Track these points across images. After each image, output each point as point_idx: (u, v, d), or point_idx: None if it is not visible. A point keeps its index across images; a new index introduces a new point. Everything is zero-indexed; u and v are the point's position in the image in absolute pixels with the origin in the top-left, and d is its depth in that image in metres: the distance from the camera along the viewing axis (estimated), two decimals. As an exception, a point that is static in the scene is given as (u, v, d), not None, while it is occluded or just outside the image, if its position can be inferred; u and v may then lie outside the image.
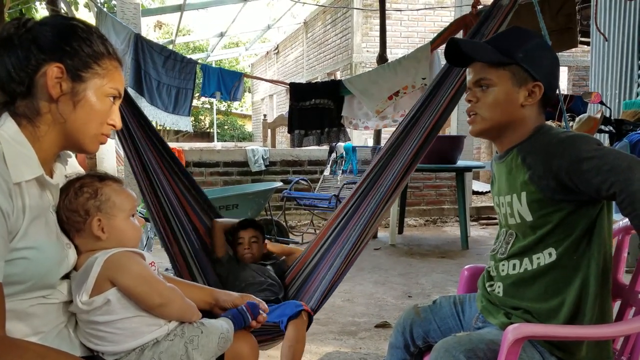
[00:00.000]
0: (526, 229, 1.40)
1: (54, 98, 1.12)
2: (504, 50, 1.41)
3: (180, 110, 4.71)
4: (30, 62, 1.11)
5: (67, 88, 1.13)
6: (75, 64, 1.13)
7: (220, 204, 4.20)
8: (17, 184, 1.07)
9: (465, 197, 5.25)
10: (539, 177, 1.34)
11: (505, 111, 1.41)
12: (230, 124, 24.56)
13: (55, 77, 1.11)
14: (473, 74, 1.46)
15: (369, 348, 2.77)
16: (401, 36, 11.13)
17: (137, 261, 1.23)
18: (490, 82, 1.41)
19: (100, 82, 1.16)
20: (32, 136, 1.13)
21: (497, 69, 1.41)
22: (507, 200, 1.45)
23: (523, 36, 1.43)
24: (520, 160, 1.40)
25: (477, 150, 9.76)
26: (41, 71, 1.11)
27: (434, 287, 3.90)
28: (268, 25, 13.79)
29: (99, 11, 4.81)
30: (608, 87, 6.00)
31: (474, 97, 1.45)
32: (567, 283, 1.35)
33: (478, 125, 1.46)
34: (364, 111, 4.66)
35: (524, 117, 1.42)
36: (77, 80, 1.14)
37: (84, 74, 1.14)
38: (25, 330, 1.10)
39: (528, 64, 1.39)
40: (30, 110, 1.13)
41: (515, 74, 1.40)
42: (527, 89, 1.40)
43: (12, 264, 1.04)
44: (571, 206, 1.32)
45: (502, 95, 1.40)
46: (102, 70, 1.17)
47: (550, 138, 1.36)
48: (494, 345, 1.30)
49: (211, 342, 1.26)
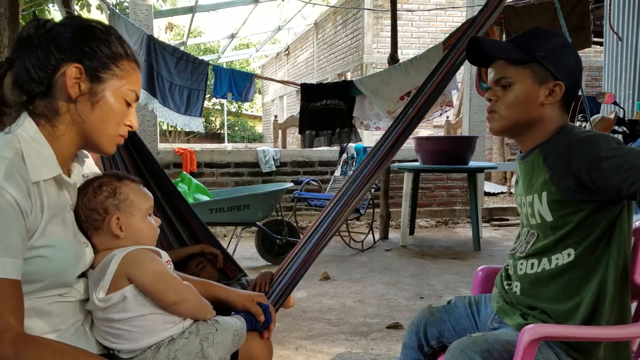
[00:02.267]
0: (546, 229, 1.39)
1: (72, 98, 1.13)
2: (524, 48, 1.41)
3: (192, 111, 4.74)
4: (49, 62, 1.12)
5: (85, 88, 1.14)
6: (94, 64, 1.14)
7: (232, 204, 4.21)
8: (35, 183, 1.08)
9: (477, 198, 5.22)
10: (559, 178, 1.33)
11: (524, 109, 1.41)
12: (241, 125, 24.64)
13: (74, 77, 1.12)
14: (494, 72, 1.46)
15: (380, 349, 2.77)
16: (412, 36, 11.11)
17: (154, 259, 1.24)
18: (510, 80, 1.41)
19: (118, 83, 1.17)
20: (50, 136, 1.14)
21: (517, 67, 1.40)
22: (528, 200, 1.44)
23: (544, 35, 1.43)
24: (542, 161, 1.40)
25: (489, 151, 9.71)
26: (60, 71, 1.12)
27: (445, 288, 3.89)
28: (278, 27, 13.82)
29: (112, 13, 4.85)
30: (622, 88, 5.94)
31: (495, 95, 1.45)
32: (585, 284, 1.34)
33: (497, 123, 1.46)
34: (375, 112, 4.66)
35: (544, 116, 1.41)
36: (95, 81, 1.15)
37: (102, 74, 1.15)
38: (44, 327, 1.11)
39: (548, 62, 1.38)
40: (49, 110, 1.14)
41: (535, 72, 1.39)
42: (548, 87, 1.39)
43: (29, 262, 1.05)
44: (591, 207, 1.31)
45: (522, 93, 1.40)
46: (121, 71, 1.18)
47: (571, 138, 1.36)
48: (509, 346, 1.30)
49: (226, 339, 1.27)
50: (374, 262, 4.73)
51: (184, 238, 2.30)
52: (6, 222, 1.00)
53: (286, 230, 4.69)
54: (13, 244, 1.01)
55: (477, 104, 6.66)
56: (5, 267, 0.99)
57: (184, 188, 4.40)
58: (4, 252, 0.99)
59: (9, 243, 1.00)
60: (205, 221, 4.48)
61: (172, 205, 2.25)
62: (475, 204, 5.15)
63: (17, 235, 1.01)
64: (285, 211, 5.74)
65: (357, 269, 4.48)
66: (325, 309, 3.41)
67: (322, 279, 4.12)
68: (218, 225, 4.84)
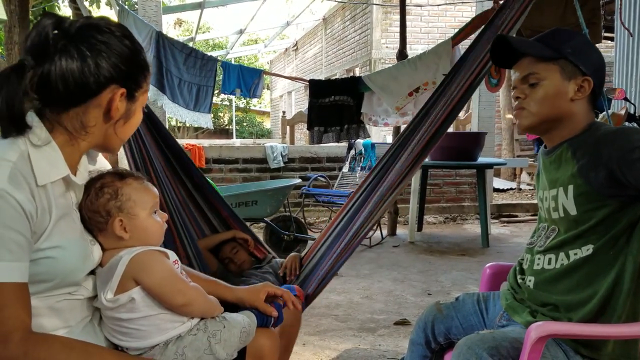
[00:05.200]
0: (569, 223, 1.39)
1: (113, 118, 1.15)
2: (551, 46, 1.42)
3: (201, 107, 4.74)
4: (89, 80, 1.09)
5: (122, 109, 1.16)
6: (132, 86, 1.16)
7: (240, 200, 4.22)
8: (42, 186, 1.07)
9: (485, 194, 5.20)
10: (587, 169, 1.33)
11: (554, 105, 1.41)
12: (249, 120, 24.67)
13: (119, 99, 1.14)
14: (520, 70, 1.46)
15: (388, 345, 2.77)
16: (421, 32, 11.05)
17: (161, 261, 1.23)
18: (539, 77, 1.42)
19: (145, 97, 1.22)
20: (65, 142, 1.13)
21: (546, 64, 1.41)
22: (552, 194, 1.44)
23: (568, 34, 1.45)
24: (571, 154, 1.40)
25: (498, 147, 9.67)
26: (104, 92, 1.11)
27: (453, 285, 3.88)
28: (287, 22, 13.80)
29: (121, 9, 4.86)
30: (632, 83, 5.88)
31: (522, 93, 1.45)
32: (601, 277, 1.34)
33: (526, 120, 1.46)
34: (383, 107, 4.64)
35: (574, 112, 1.41)
36: (131, 101, 1.17)
37: (137, 94, 1.18)
38: (56, 323, 1.12)
39: (576, 57, 1.39)
40: (73, 121, 1.12)
41: (564, 68, 1.40)
42: (577, 83, 1.40)
43: (37, 263, 1.06)
44: (617, 203, 1.30)
45: (552, 88, 1.41)
46: (147, 85, 1.21)
47: (601, 131, 1.36)
48: (517, 344, 1.29)
49: (233, 336, 1.27)
50: (381, 258, 4.73)
51: (215, 224, 2.46)
52: (10, 225, 1.00)
53: (294, 226, 4.69)
54: (18, 248, 1.01)
55: (486, 100, 6.62)
56: (11, 270, 1.00)
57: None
58: (9, 255, 1.00)
59: (14, 246, 1.00)
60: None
61: (203, 194, 2.41)
62: (484, 200, 5.13)
63: (22, 238, 1.01)
64: (293, 207, 5.75)
65: (364, 265, 4.48)
66: (332, 305, 3.42)
67: (330, 275, 4.12)
68: (226, 221, 4.85)
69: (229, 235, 2.40)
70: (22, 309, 1.02)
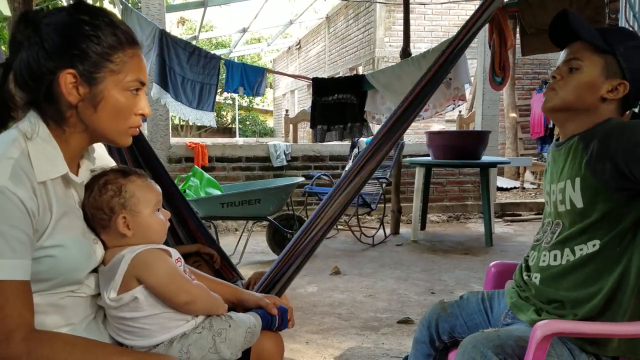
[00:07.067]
0: (575, 216, 1.39)
1: (73, 104, 1.10)
2: (607, 39, 1.40)
3: (204, 105, 4.75)
4: (42, 70, 1.07)
5: (84, 92, 1.09)
6: (87, 67, 1.08)
7: (243, 198, 4.22)
8: (42, 183, 1.07)
9: (489, 193, 5.19)
10: (594, 161, 1.32)
11: (582, 96, 1.40)
12: (252, 119, 24.67)
13: (70, 83, 1.08)
14: (568, 52, 1.45)
15: (391, 344, 2.77)
16: (425, 30, 11.03)
17: (164, 259, 1.22)
18: (580, 64, 1.41)
19: (117, 78, 1.11)
20: (59, 137, 1.13)
21: (592, 54, 1.40)
22: (559, 187, 1.44)
23: (628, 34, 1.44)
24: (582, 147, 1.39)
25: (501, 145, 9.64)
26: (55, 79, 1.07)
27: (457, 283, 3.87)
28: (290, 21, 13.77)
29: (124, 7, 4.87)
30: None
31: (559, 74, 1.45)
32: (607, 273, 1.33)
33: (552, 102, 1.45)
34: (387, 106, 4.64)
35: (599, 109, 1.41)
36: (93, 83, 1.09)
37: (98, 75, 1.09)
38: (58, 320, 1.12)
39: (625, 59, 1.38)
40: (56, 114, 1.11)
41: (607, 65, 1.39)
42: (612, 84, 1.39)
43: (39, 261, 1.05)
44: (623, 198, 1.30)
45: (586, 79, 1.40)
46: (116, 65, 1.10)
47: (611, 124, 1.36)
48: (522, 342, 1.29)
49: (238, 335, 1.27)
50: (384, 257, 4.73)
51: (181, 237, 2.28)
52: (13, 223, 0.99)
53: (297, 224, 4.69)
54: (21, 245, 1.00)
55: (490, 98, 6.61)
56: (13, 268, 1.00)
57: (196, 182, 4.42)
58: (11, 253, 0.99)
59: (16, 244, 1.00)
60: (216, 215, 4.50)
61: (171, 203, 2.23)
62: (488, 199, 5.12)
63: (25, 236, 1.01)
64: (296, 206, 5.75)
65: (367, 263, 4.47)
66: (336, 304, 3.42)
67: (333, 274, 4.12)
68: (229, 219, 4.85)
69: (193, 249, 2.23)
70: (24, 307, 1.01)
